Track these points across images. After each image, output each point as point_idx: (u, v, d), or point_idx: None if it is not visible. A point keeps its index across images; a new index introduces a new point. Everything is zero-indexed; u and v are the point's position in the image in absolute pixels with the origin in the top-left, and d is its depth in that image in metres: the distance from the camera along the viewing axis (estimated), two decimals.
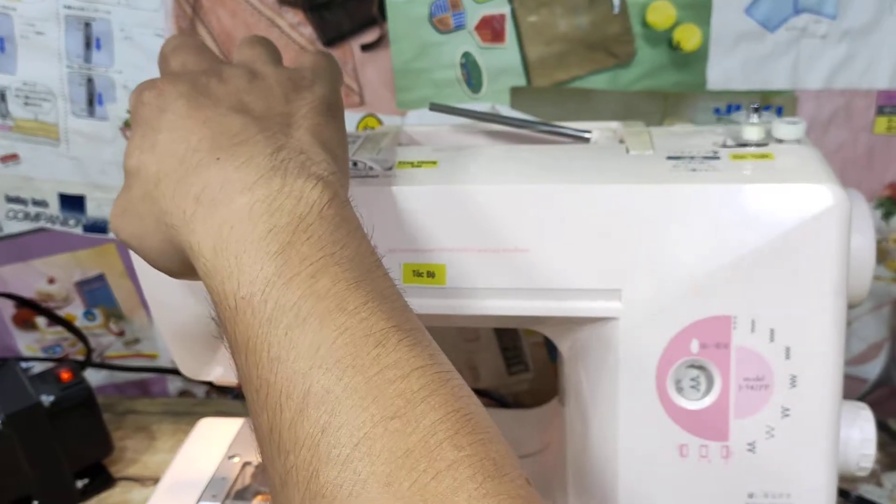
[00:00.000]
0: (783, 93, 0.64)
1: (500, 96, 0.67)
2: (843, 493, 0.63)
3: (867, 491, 0.65)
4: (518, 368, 0.77)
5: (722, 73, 0.64)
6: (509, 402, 0.78)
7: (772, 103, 0.64)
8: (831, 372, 0.44)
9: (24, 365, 0.69)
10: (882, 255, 0.68)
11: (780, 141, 0.48)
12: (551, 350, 0.75)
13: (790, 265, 0.43)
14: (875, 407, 0.49)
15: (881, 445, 0.69)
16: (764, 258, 0.43)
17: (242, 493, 0.58)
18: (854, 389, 0.73)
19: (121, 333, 0.81)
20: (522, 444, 0.61)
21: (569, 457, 0.52)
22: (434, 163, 0.49)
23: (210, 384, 0.81)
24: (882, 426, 0.71)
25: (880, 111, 0.64)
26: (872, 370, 0.72)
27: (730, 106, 0.65)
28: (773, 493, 0.46)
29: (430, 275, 0.46)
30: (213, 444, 0.63)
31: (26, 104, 0.71)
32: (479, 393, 0.77)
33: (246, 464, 0.60)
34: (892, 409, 0.73)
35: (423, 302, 0.46)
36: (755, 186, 0.44)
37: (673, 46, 0.64)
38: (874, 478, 0.66)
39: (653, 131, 0.52)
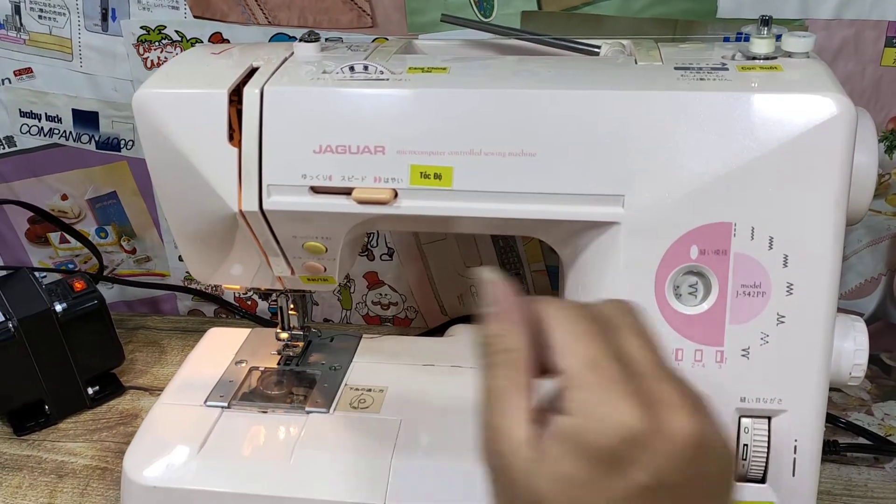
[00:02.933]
0: (793, 22, 0.64)
1: (510, 20, 0.67)
2: (834, 420, 0.65)
3: (858, 419, 0.66)
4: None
5: (733, 1, 0.64)
6: None
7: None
8: (828, 281, 0.45)
9: (37, 274, 0.71)
10: (883, 189, 0.69)
11: (789, 54, 0.48)
12: (553, 278, 0.77)
13: (793, 174, 0.44)
14: (870, 340, 0.49)
15: (872, 377, 0.71)
16: (767, 166, 0.44)
17: (249, 396, 0.59)
18: None
19: (132, 251, 0.82)
20: None
21: None
22: (444, 69, 0.49)
23: (219, 303, 0.83)
24: (875, 359, 0.73)
25: (889, 43, 0.64)
26: (868, 304, 0.74)
27: (739, 34, 0.65)
28: (765, 398, 0.47)
29: (437, 177, 0.47)
30: (221, 350, 0.64)
31: (41, 17, 0.72)
32: None
33: (252, 368, 0.62)
34: (885, 342, 0.74)
35: (429, 203, 0.47)
36: (761, 95, 0.44)
37: None
38: (865, 407, 0.68)
39: (662, 46, 0.53)
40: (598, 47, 0.54)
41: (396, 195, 0.47)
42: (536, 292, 0.78)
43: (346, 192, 0.48)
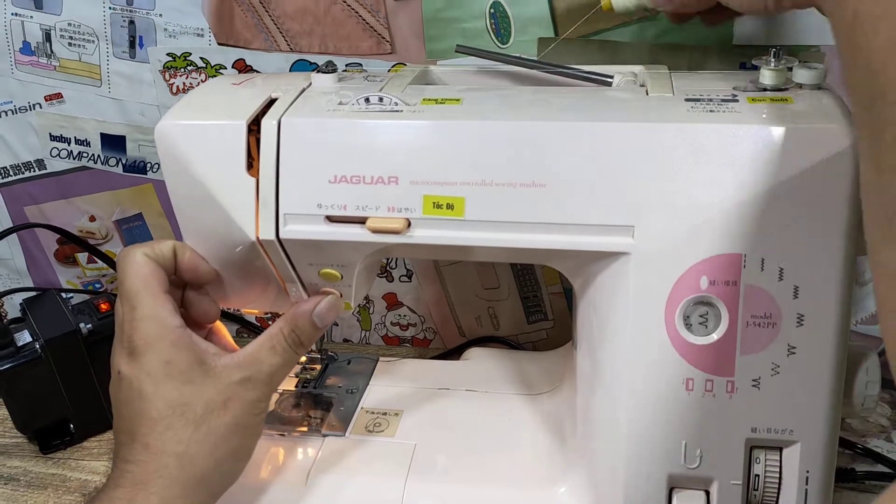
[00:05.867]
0: (810, 48, 0.64)
1: (527, 46, 0.68)
2: (851, 446, 0.64)
3: (877, 445, 0.66)
4: (537, 317, 0.79)
5: (749, 28, 0.64)
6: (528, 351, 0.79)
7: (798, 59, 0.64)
8: (839, 312, 0.45)
9: (64, 296, 0.73)
10: None
11: (800, 86, 0.48)
12: (570, 300, 0.77)
13: (803, 206, 0.44)
14: (888, 366, 0.49)
15: (892, 404, 0.70)
16: (776, 198, 0.44)
17: (267, 418, 0.60)
18: None
19: None
20: (537, 383, 0.63)
21: (579, 390, 0.53)
22: (458, 100, 0.50)
23: (241, 323, 0.84)
24: (893, 385, 0.72)
25: None
26: None
27: (753, 65, 0.65)
28: (776, 429, 0.47)
29: (450, 207, 0.48)
30: None
31: (70, 45, 0.74)
32: (498, 340, 0.80)
33: None
34: None
35: (442, 233, 0.48)
36: (770, 127, 0.45)
37: None
38: (884, 433, 0.67)
39: (674, 75, 0.53)
40: (611, 77, 0.55)
41: (409, 225, 0.48)
42: (554, 314, 0.78)
43: (361, 221, 0.49)
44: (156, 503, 0.47)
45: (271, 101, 0.52)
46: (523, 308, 0.78)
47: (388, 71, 0.71)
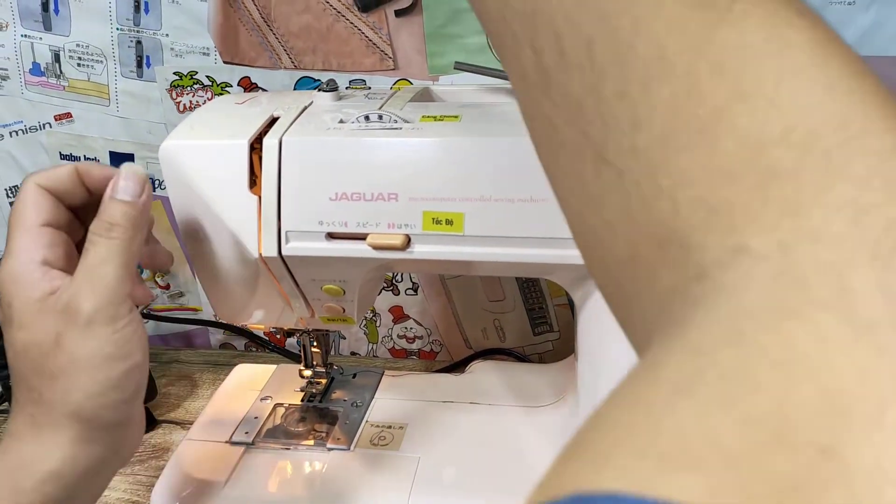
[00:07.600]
0: None
1: None
2: None
3: None
4: (543, 329, 0.79)
5: None
6: (534, 362, 0.80)
7: None
8: None
9: None
10: None
11: None
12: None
13: None
14: None
15: None
16: None
17: (272, 432, 0.61)
18: None
19: (166, 287, 0.85)
20: (540, 395, 0.63)
21: (581, 402, 0.54)
22: (456, 117, 0.51)
23: (249, 337, 0.85)
24: None
25: None
26: None
27: None
28: None
29: (449, 222, 0.48)
30: (247, 386, 0.66)
31: (79, 65, 0.75)
32: (504, 352, 0.80)
33: (277, 405, 0.64)
34: None
35: (442, 249, 0.49)
36: None
37: None
38: None
39: None
40: None
41: (409, 241, 0.49)
42: (560, 326, 0.79)
43: (361, 237, 0.49)
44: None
45: (273, 120, 0.52)
46: (529, 320, 0.79)
47: (392, 87, 0.72)
